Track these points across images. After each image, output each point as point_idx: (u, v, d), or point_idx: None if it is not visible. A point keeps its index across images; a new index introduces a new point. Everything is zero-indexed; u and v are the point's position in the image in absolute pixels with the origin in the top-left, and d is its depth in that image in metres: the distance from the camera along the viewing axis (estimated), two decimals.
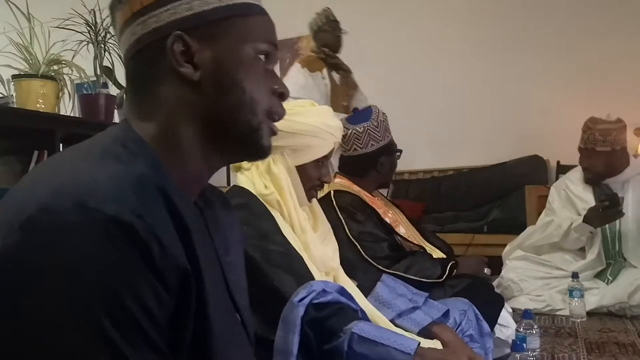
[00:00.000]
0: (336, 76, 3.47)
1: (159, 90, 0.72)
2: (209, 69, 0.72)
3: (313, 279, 1.32)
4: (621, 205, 2.70)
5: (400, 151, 2.23)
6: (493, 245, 3.72)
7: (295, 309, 1.17)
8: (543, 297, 2.76)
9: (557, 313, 2.69)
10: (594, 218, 2.69)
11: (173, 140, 0.72)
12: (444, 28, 4.87)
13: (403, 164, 5.06)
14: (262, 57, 0.76)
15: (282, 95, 0.79)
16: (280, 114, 0.79)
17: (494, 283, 3.06)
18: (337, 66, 3.47)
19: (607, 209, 2.64)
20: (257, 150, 0.78)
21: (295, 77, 3.40)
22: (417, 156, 4.98)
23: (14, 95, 1.91)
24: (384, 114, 2.20)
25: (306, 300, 1.17)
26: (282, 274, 1.29)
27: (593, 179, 2.88)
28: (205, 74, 0.72)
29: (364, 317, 1.32)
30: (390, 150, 2.20)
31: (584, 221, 2.72)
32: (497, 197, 4.37)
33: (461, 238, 4.01)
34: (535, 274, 2.86)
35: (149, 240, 0.57)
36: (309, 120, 1.52)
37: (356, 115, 2.22)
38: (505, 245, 3.28)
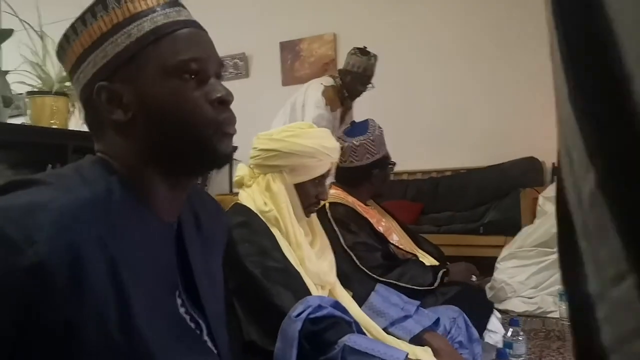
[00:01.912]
0: (337, 112, 3.59)
1: (108, 136, 0.79)
2: (137, 106, 0.76)
3: (310, 294, 1.42)
4: None
5: (394, 164, 2.31)
6: (488, 246, 3.82)
7: (293, 323, 1.27)
8: (535, 299, 2.85)
9: (548, 315, 2.78)
10: None
11: (133, 174, 0.78)
12: (441, 28, 4.94)
13: (401, 164, 5.16)
14: (186, 75, 0.77)
15: (222, 101, 0.80)
16: (227, 119, 0.80)
17: (487, 285, 3.16)
18: (347, 107, 3.61)
19: None
20: (216, 160, 0.81)
21: (315, 107, 3.47)
22: (415, 156, 5.06)
23: (29, 111, 2.01)
24: (380, 128, 2.28)
25: (303, 315, 1.27)
26: (280, 290, 1.38)
27: None
28: (136, 112, 0.76)
29: (358, 329, 1.41)
30: (384, 164, 2.27)
31: None
32: (494, 198, 4.45)
33: (457, 239, 4.11)
34: (529, 275, 2.94)
35: (28, 264, 0.61)
36: (307, 141, 1.61)
37: (354, 129, 2.30)
38: (500, 247, 3.37)
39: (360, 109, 4.87)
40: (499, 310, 2.98)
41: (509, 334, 1.81)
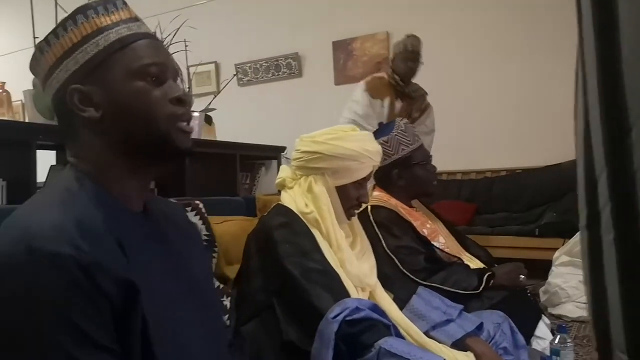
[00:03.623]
0: (399, 104, 3.53)
1: (81, 135, 0.89)
2: (106, 105, 0.87)
3: (348, 296, 1.43)
4: None
5: (425, 163, 2.23)
6: (544, 249, 3.71)
7: (330, 325, 1.28)
8: None
9: None
10: None
11: (105, 170, 0.89)
12: (498, 25, 4.83)
13: (456, 164, 5.11)
14: (147, 78, 0.89)
15: (180, 99, 0.91)
16: (184, 116, 0.92)
17: (541, 289, 3.08)
18: (403, 94, 3.53)
19: None
20: (175, 154, 0.92)
21: (355, 104, 3.48)
22: (470, 156, 4.99)
23: None
24: (404, 127, 2.23)
25: (340, 317, 1.28)
26: (319, 291, 1.40)
27: None
28: (105, 110, 0.87)
29: (396, 332, 1.41)
30: (406, 164, 2.21)
31: None
32: (551, 199, 4.31)
33: (511, 241, 4.02)
34: (580, 275, 2.84)
35: (87, 265, 0.73)
36: (349, 144, 1.62)
37: (381, 130, 2.29)
38: (556, 249, 3.27)
39: None
40: (553, 315, 2.91)
41: (556, 340, 1.75)
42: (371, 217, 2.07)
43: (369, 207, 2.12)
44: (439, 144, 5.05)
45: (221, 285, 1.93)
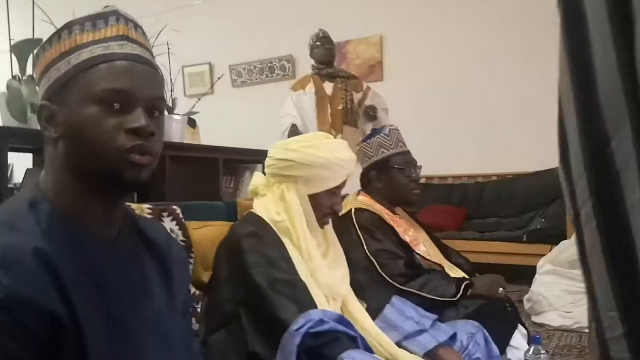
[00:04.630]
0: (329, 85, 3.79)
1: (47, 148, 0.88)
2: (63, 127, 0.84)
3: (315, 307, 1.41)
4: None
5: (405, 168, 2.20)
6: (532, 255, 3.70)
7: (293, 337, 1.26)
8: (573, 313, 2.75)
9: (585, 330, 2.67)
10: None
11: (64, 191, 0.86)
12: (488, 31, 4.83)
13: (447, 169, 5.10)
14: (107, 104, 0.83)
15: (134, 131, 0.84)
16: (136, 148, 0.84)
17: (525, 297, 3.07)
18: (332, 75, 3.82)
19: None
20: (121, 185, 0.86)
21: (285, 108, 3.98)
22: (461, 160, 4.98)
23: None
24: (389, 130, 2.23)
25: (303, 330, 1.27)
26: (285, 302, 1.38)
27: None
28: (62, 132, 0.84)
29: (363, 344, 1.40)
30: (385, 167, 2.19)
31: None
32: (541, 205, 4.31)
33: (500, 247, 4.01)
34: (567, 288, 2.84)
35: (4, 299, 0.70)
36: (322, 153, 1.61)
37: (371, 133, 2.31)
38: (543, 255, 3.27)
39: (407, 111, 4.84)
40: (536, 323, 2.91)
41: (530, 351, 1.74)
42: (354, 220, 2.07)
43: (353, 209, 2.12)
44: (431, 148, 5.07)
45: (197, 292, 1.92)
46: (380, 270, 1.97)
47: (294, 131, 3.73)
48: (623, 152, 0.52)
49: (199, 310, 1.82)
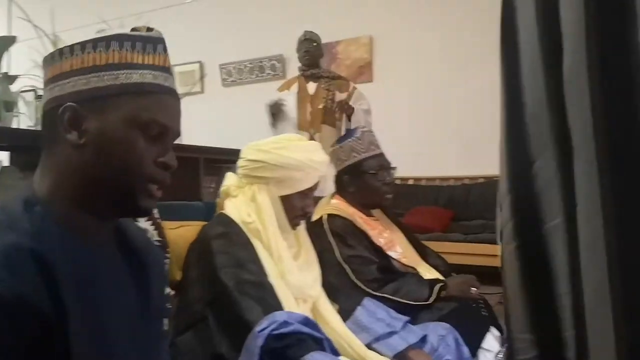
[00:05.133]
0: (313, 86, 3.84)
1: (56, 149, 0.86)
2: (93, 137, 0.84)
3: (282, 309, 1.41)
4: None
5: (378, 172, 2.19)
6: None
7: (256, 339, 1.27)
8: None
9: None
10: None
11: (63, 194, 0.85)
12: (476, 33, 4.84)
13: (434, 171, 5.11)
14: (147, 132, 0.86)
15: (165, 165, 0.89)
16: (161, 181, 0.89)
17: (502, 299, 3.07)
18: (316, 77, 3.87)
19: None
20: (131, 211, 0.90)
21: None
22: (448, 162, 5.00)
23: (37, 114, 2.08)
24: (361, 134, 2.22)
25: (266, 331, 1.27)
26: (251, 303, 1.38)
27: None
28: (89, 141, 0.84)
29: (330, 346, 1.40)
30: (357, 171, 2.19)
31: None
32: None
33: (484, 249, 4.02)
34: None
35: (8, 300, 0.70)
36: (294, 154, 1.61)
37: (344, 135, 2.31)
38: None
39: (396, 112, 4.85)
40: None
41: (501, 354, 1.75)
42: (326, 226, 2.07)
43: (325, 215, 2.12)
44: (418, 149, 5.09)
45: (172, 292, 1.92)
46: (353, 277, 1.97)
47: (276, 105, 3.76)
48: (546, 174, 0.51)
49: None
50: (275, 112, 3.78)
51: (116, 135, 0.84)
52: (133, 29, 0.90)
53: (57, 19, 2.19)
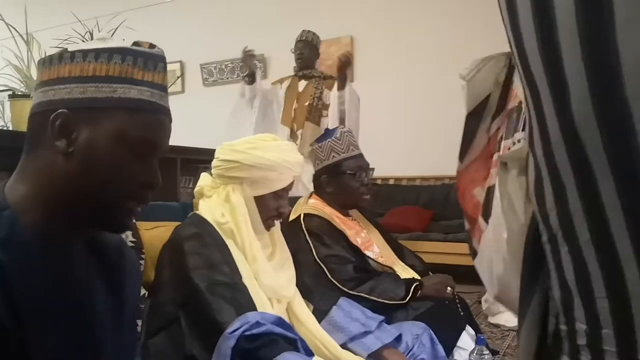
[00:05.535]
0: (304, 84, 3.91)
1: (39, 153, 0.84)
2: (81, 147, 0.83)
3: (255, 310, 1.41)
4: None
5: (356, 173, 2.20)
6: None
7: (227, 340, 1.26)
8: None
9: None
10: None
11: (39, 201, 0.83)
12: (459, 33, 4.87)
13: (415, 170, 5.13)
14: (136, 150, 0.85)
15: (149, 185, 0.88)
16: (142, 201, 0.88)
17: (483, 298, 3.10)
18: (308, 76, 3.94)
19: None
20: (108, 225, 0.89)
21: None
22: (429, 162, 5.01)
23: (10, 115, 2.05)
24: (340, 134, 2.22)
25: (238, 332, 1.26)
26: (223, 305, 1.37)
27: None
28: (77, 150, 0.83)
29: (304, 346, 1.39)
30: (335, 171, 2.20)
31: None
32: None
33: (463, 248, 4.03)
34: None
35: None
36: (268, 154, 1.61)
37: (323, 134, 2.30)
38: None
39: (377, 112, 4.85)
40: (492, 324, 2.94)
41: (475, 353, 1.76)
42: (303, 226, 2.07)
43: (302, 215, 2.11)
44: (399, 149, 5.10)
45: (147, 293, 1.91)
46: (329, 276, 1.97)
47: (245, 55, 3.92)
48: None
49: None
50: (246, 60, 3.93)
51: (105, 149, 0.83)
52: (135, 43, 0.88)
53: (31, 18, 2.16)
